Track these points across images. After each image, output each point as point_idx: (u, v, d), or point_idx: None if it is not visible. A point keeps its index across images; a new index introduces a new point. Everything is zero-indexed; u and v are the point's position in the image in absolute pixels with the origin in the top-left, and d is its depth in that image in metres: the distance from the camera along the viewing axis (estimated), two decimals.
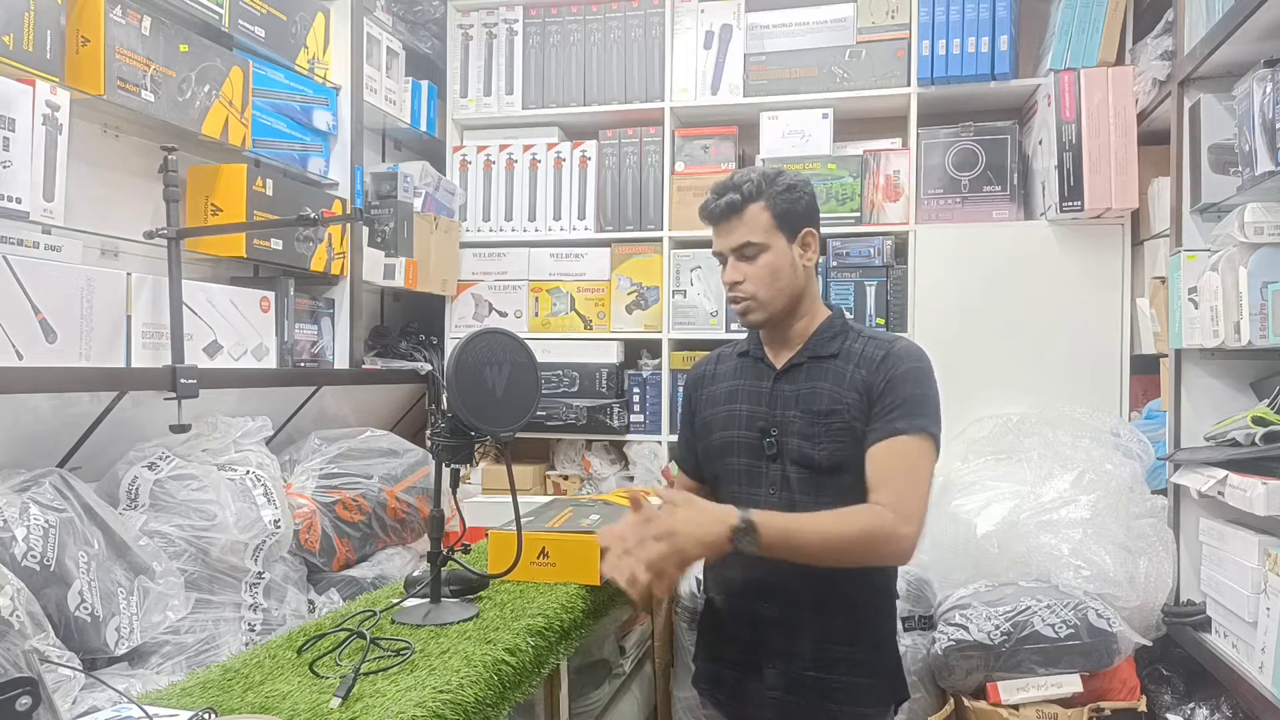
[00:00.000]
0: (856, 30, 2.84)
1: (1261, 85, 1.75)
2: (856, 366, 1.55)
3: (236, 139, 2.12)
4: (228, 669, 1.31)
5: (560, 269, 3.04)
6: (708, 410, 1.69)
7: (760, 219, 1.57)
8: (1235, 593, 1.91)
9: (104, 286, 1.75)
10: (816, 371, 1.58)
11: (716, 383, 1.71)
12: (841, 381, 1.55)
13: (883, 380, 1.51)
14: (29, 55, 1.62)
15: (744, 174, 1.60)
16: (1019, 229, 2.70)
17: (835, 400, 1.54)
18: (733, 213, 1.57)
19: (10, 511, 1.47)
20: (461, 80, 3.13)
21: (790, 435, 1.56)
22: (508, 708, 1.32)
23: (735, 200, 1.57)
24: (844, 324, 1.64)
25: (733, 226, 1.58)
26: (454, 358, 1.48)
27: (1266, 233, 1.84)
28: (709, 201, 1.61)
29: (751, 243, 1.56)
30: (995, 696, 2.06)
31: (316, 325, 2.46)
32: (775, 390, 1.60)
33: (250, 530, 1.82)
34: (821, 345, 1.60)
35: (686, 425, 1.76)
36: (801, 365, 1.60)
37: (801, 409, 1.56)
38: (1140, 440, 2.41)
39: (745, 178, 1.59)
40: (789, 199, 1.58)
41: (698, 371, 1.78)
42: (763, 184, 1.57)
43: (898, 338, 1.60)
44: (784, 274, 1.57)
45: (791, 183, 1.59)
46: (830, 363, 1.58)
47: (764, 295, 1.57)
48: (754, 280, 1.58)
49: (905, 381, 1.51)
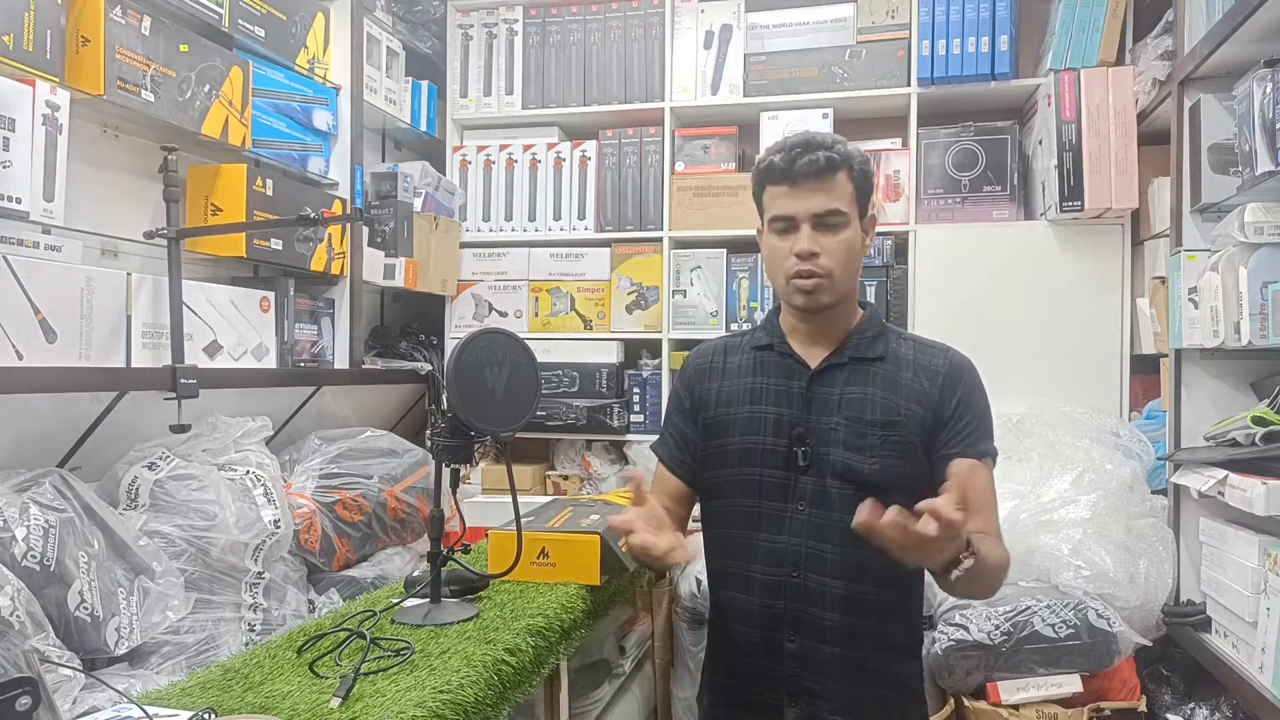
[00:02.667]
0: (856, 30, 2.84)
1: (1261, 85, 1.75)
2: (915, 375, 1.41)
3: (236, 139, 2.12)
4: (228, 669, 1.32)
5: (560, 269, 3.04)
6: (721, 409, 1.49)
7: (846, 188, 1.39)
8: (1235, 593, 1.91)
9: (104, 286, 1.75)
10: (862, 375, 1.42)
11: (729, 378, 1.51)
12: (897, 389, 1.40)
13: (955, 397, 1.40)
14: (29, 55, 1.61)
15: (827, 134, 1.42)
16: (1019, 229, 2.70)
17: (892, 410, 1.39)
18: (824, 173, 1.37)
19: (10, 511, 1.47)
20: (461, 80, 3.13)
21: (831, 445, 1.39)
22: (508, 708, 1.32)
23: (832, 159, 1.37)
24: (883, 323, 1.50)
25: (820, 188, 1.37)
26: (454, 358, 1.48)
27: (1266, 233, 1.84)
28: (790, 155, 1.38)
29: (840, 211, 1.37)
30: (995, 696, 2.06)
31: (316, 325, 2.46)
32: (811, 392, 1.42)
33: (250, 530, 1.82)
34: (864, 345, 1.44)
35: (683, 420, 1.55)
36: (842, 366, 1.43)
37: (847, 416, 1.39)
38: (1140, 440, 2.41)
39: (833, 138, 1.40)
40: (866, 174, 1.42)
41: (700, 362, 1.57)
42: (849, 152, 1.40)
43: (947, 346, 1.48)
44: (856, 257, 1.42)
45: (866, 159, 1.44)
46: (878, 366, 1.43)
47: (840, 274, 1.39)
48: (832, 255, 1.38)
49: (976, 400, 1.42)
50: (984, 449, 1.40)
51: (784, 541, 1.40)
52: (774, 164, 1.39)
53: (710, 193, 2.88)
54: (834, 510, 1.38)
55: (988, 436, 1.41)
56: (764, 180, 1.43)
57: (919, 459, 1.39)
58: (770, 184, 1.42)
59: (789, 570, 1.40)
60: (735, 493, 1.46)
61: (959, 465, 1.33)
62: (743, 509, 1.45)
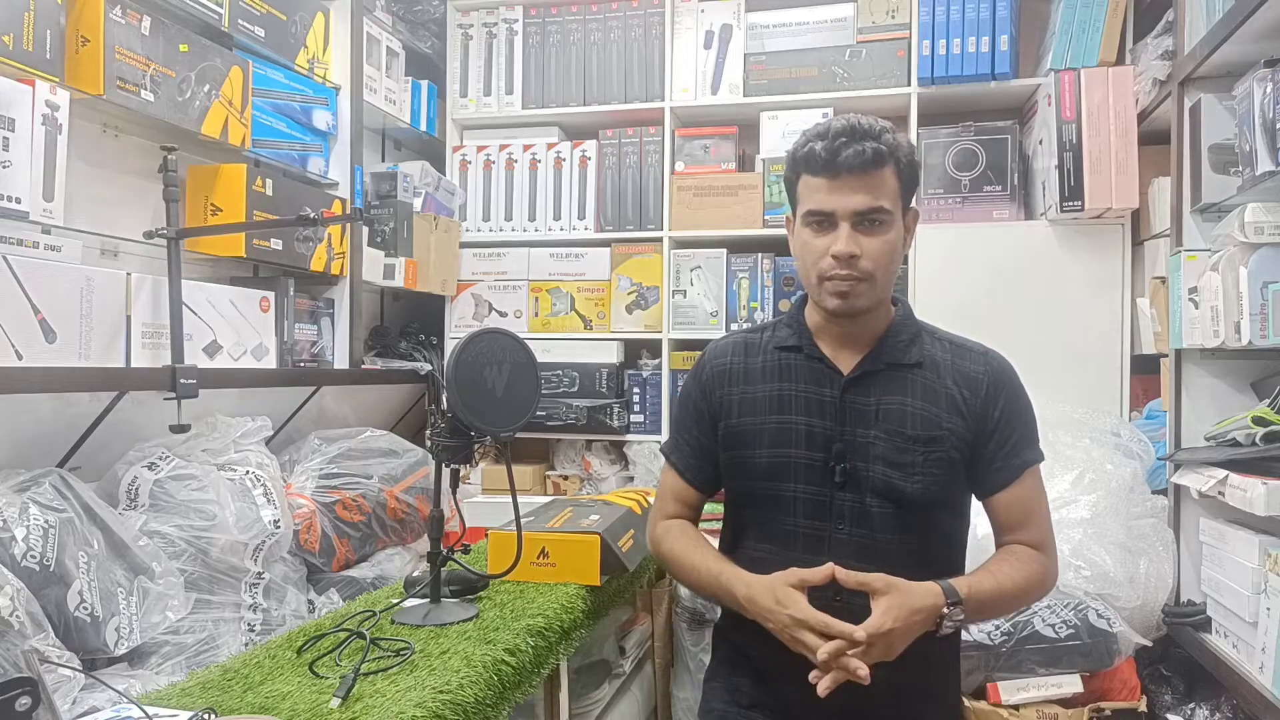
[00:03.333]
0: (856, 30, 2.84)
1: (1261, 85, 1.75)
2: (955, 384, 1.32)
3: (236, 139, 2.12)
4: (227, 669, 1.31)
5: (560, 269, 3.04)
6: (745, 418, 1.38)
7: (891, 184, 1.27)
8: (1235, 593, 1.91)
9: (104, 286, 1.75)
10: (899, 383, 1.32)
11: (752, 382, 1.39)
12: (936, 400, 1.31)
13: (998, 409, 1.31)
14: (29, 55, 1.61)
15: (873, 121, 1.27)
16: (1019, 229, 2.70)
17: (933, 424, 1.30)
18: (870, 166, 1.24)
19: (10, 511, 1.47)
20: (461, 80, 3.13)
21: (871, 461, 1.30)
22: (508, 708, 1.32)
23: (880, 152, 1.24)
24: (917, 322, 1.39)
25: (864, 184, 1.25)
26: (454, 358, 1.48)
27: (1267, 233, 1.83)
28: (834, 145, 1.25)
29: (885, 209, 1.26)
30: (995, 696, 2.06)
31: (316, 325, 2.46)
32: (846, 402, 1.32)
33: (250, 530, 1.82)
34: (900, 350, 1.34)
35: (700, 428, 1.44)
36: (878, 373, 1.33)
37: (886, 429, 1.30)
38: (1140, 440, 2.41)
39: (881, 126, 1.27)
40: (914, 167, 1.31)
41: (718, 364, 1.43)
42: (896, 143, 1.27)
43: (986, 348, 1.38)
44: (898, 258, 1.31)
45: (912, 149, 1.31)
46: (915, 374, 1.33)
47: (881, 278, 1.28)
48: (873, 257, 1.27)
49: (1020, 407, 1.34)
50: (1029, 457, 1.34)
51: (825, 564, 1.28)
52: (815, 152, 1.26)
53: (710, 193, 2.88)
54: (876, 530, 1.30)
55: (1032, 442, 1.35)
56: (801, 169, 1.30)
57: (960, 475, 1.32)
58: (808, 174, 1.29)
59: (830, 594, 1.26)
60: (766, 506, 1.36)
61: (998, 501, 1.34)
62: (777, 525, 1.35)
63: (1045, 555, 1.34)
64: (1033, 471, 1.34)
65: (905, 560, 1.29)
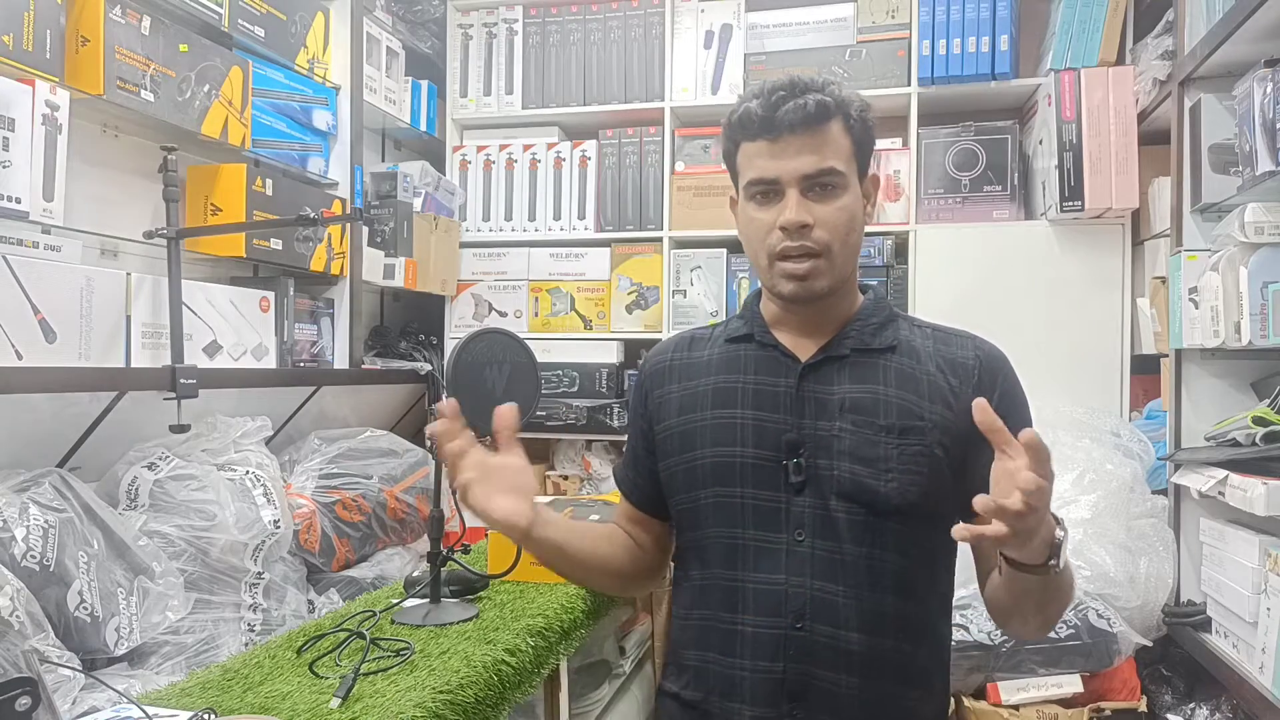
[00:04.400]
0: (856, 30, 2.84)
1: (1262, 85, 1.75)
2: (940, 371, 1.14)
3: (236, 139, 2.12)
4: (227, 669, 1.31)
5: (560, 269, 3.04)
6: (684, 416, 1.19)
7: (842, 143, 1.11)
8: (1235, 593, 1.91)
9: (104, 286, 1.75)
10: (869, 370, 1.14)
11: (694, 376, 1.21)
12: (916, 387, 1.12)
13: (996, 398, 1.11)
14: (28, 55, 1.61)
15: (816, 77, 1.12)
16: (1019, 229, 2.70)
17: (911, 413, 1.11)
18: (814, 122, 1.08)
19: (10, 511, 1.47)
20: (461, 80, 3.13)
21: (836, 456, 1.10)
22: (508, 708, 1.32)
23: (824, 105, 1.08)
24: (891, 307, 1.22)
25: (810, 143, 1.08)
26: (454, 357, 1.48)
27: (1267, 233, 1.83)
28: (771, 101, 1.09)
29: (836, 170, 1.09)
30: (995, 697, 2.06)
31: (316, 325, 2.46)
32: (804, 392, 1.13)
33: (250, 530, 1.82)
34: (869, 333, 1.16)
35: (639, 438, 1.26)
36: (844, 359, 1.15)
37: (854, 420, 1.11)
38: (1140, 440, 2.41)
39: (824, 79, 1.12)
40: (866, 124, 1.14)
41: (655, 363, 1.26)
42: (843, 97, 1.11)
43: (971, 333, 1.21)
44: (857, 228, 1.13)
45: (865, 105, 1.14)
46: (888, 359, 1.15)
47: (839, 251, 1.11)
48: (828, 226, 1.09)
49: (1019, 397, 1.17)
50: None
51: (781, 582, 1.10)
52: (750, 113, 1.10)
53: (710, 193, 2.88)
54: (843, 540, 1.09)
55: None
56: (738, 135, 1.14)
57: (943, 475, 1.10)
58: (746, 139, 1.13)
59: (790, 621, 1.09)
60: (709, 521, 1.15)
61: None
62: (721, 542, 1.14)
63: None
64: None
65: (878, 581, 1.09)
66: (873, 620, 1.08)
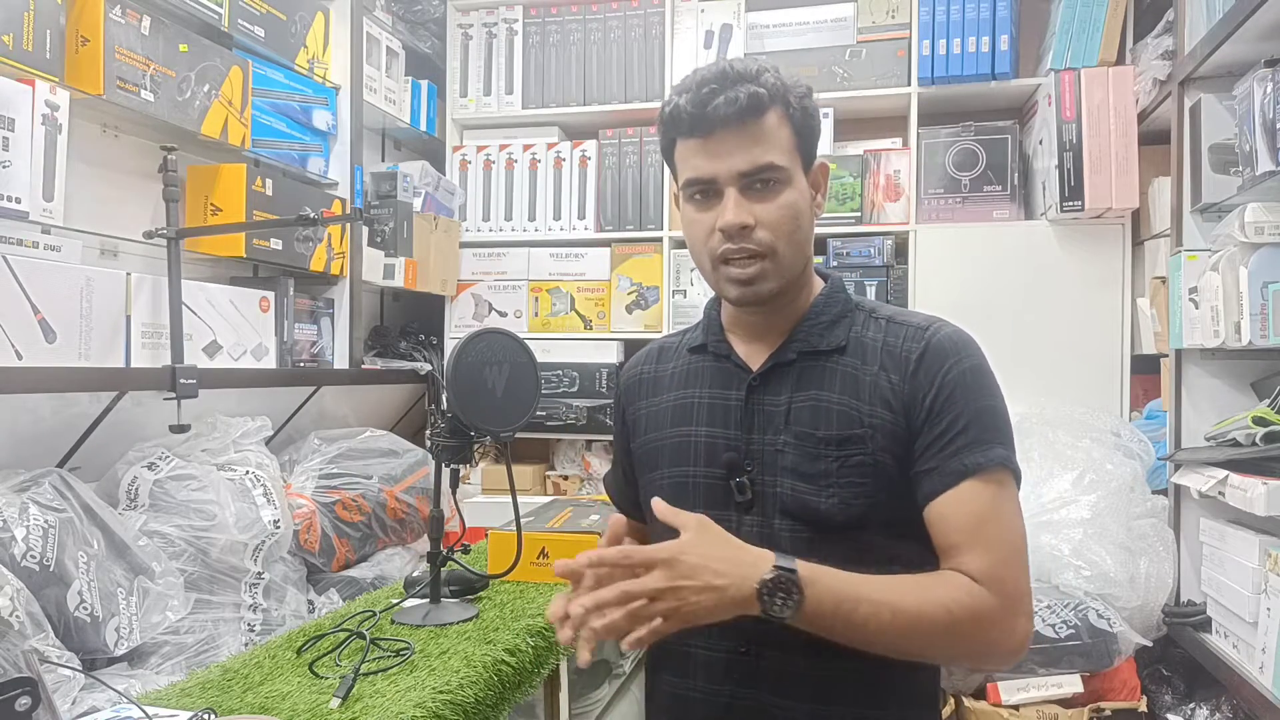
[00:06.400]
0: (856, 30, 2.84)
1: (1262, 85, 1.75)
2: (882, 368, 1.06)
3: (236, 139, 2.12)
4: (227, 669, 1.31)
5: (560, 269, 3.04)
6: (651, 434, 1.17)
7: (781, 135, 1.04)
8: (1235, 593, 1.91)
9: (104, 286, 1.75)
10: (815, 374, 1.08)
11: (660, 391, 1.19)
12: (858, 390, 1.05)
13: (930, 389, 1.02)
14: (28, 55, 1.61)
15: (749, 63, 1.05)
16: (1019, 229, 2.70)
17: (852, 420, 1.04)
18: (748, 115, 1.02)
19: (10, 511, 1.47)
20: (461, 80, 3.13)
21: (777, 474, 1.05)
22: (508, 708, 1.32)
23: (757, 96, 1.01)
24: (848, 300, 1.13)
25: (746, 138, 1.02)
26: (454, 358, 1.48)
27: (1267, 233, 1.83)
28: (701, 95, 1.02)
29: (776, 165, 1.03)
30: (995, 697, 2.06)
31: (316, 325, 2.46)
32: (751, 404, 1.09)
33: (250, 530, 1.82)
34: (819, 334, 1.10)
35: (623, 455, 1.25)
36: (791, 365, 1.09)
37: (795, 433, 1.05)
38: (1140, 440, 2.41)
39: (758, 65, 1.04)
40: (807, 112, 1.07)
41: (631, 375, 1.25)
42: (781, 85, 1.04)
43: (934, 319, 1.09)
44: (804, 223, 1.07)
45: (807, 91, 1.08)
46: (836, 361, 1.08)
47: (785, 250, 1.05)
48: (771, 225, 1.04)
49: (965, 390, 1.02)
50: (976, 460, 0.99)
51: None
52: (680, 109, 1.04)
53: None
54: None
55: (985, 441, 1.01)
56: (671, 131, 1.08)
57: (893, 484, 1.03)
58: (679, 136, 1.06)
59: (736, 645, 1.05)
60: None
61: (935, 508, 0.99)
62: None
63: (988, 591, 0.95)
64: (984, 480, 0.99)
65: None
66: (822, 642, 0.96)
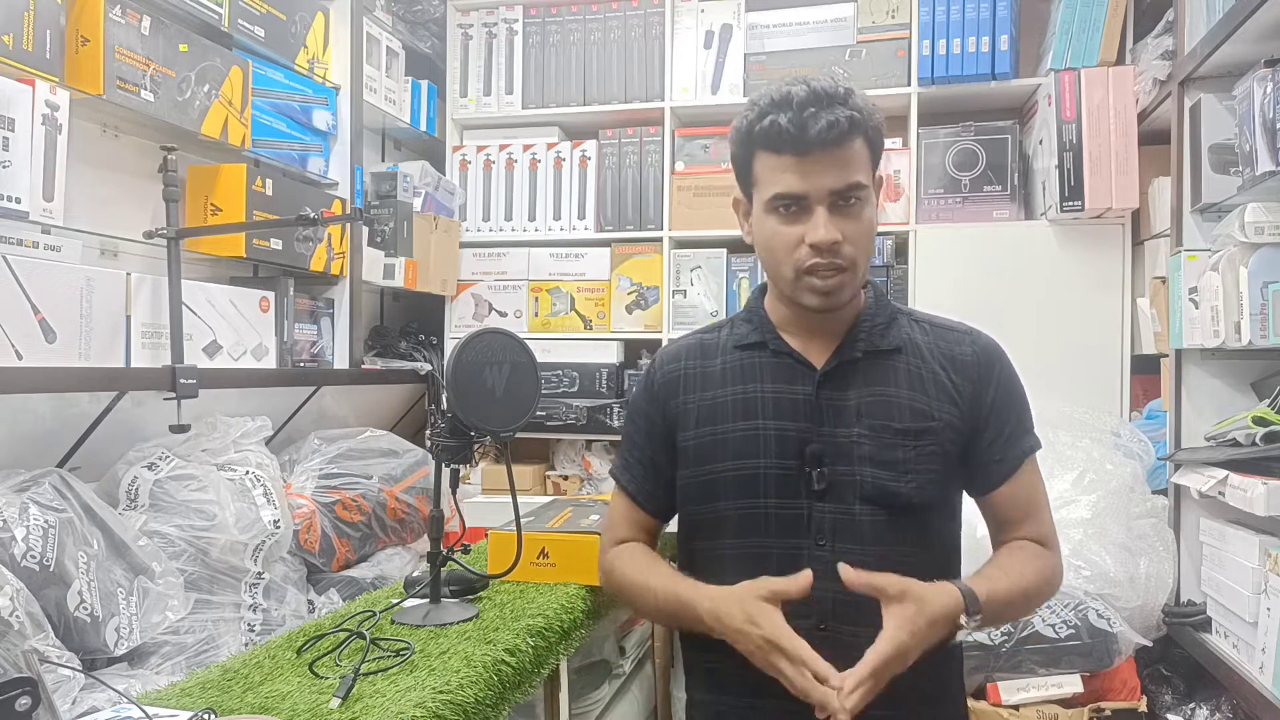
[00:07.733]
0: (856, 30, 2.84)
1: (1262, 85, 1.75)
2: (942, 369, 1.19)
3: (236, 139, 2.12)
4: (227, 669, 1.31)
5: (560, 269, 3.04)
6: (706, 428, 1.22)
7: (864, 155, 1.13)
8: (1235, 593, 1.91)
9: (104, 286, 1.75)
10: (881, 372, 1.18)
11: (711, 387, 1.23)
12: (924, 387, 1.17)
13: (991, 392, 1.19)
14: (28, 55, 1.61)
15: (833, 82, 1.11)
16: (1019, 229, 2.70)
17: (923, 414, 1.16)
18: (843, 139, 1.09)
19: (10, 511, 1.47)
20: (461, 80, 3.13)
21: (857, 463, 1.15)
22: (508, 708, 1.31)
23: (855, 121, 1.10)
24: (892, 305, 1.25)
25: (839, 159, 1.10)
26: (454, 358, 1.48)
27: (1267, 233, 1.83)
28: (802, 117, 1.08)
29: (862, 184, 1.12)
30: (995, 697, 2.06)
31: (316, 325, 2.46)
32: (821, 399, 1.17)
33: (250, 530, 1.82)
34: (878, 335, 1.20)
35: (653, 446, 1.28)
36: (856, 363, 1.18)
37: (871, 425, 1.15)
38: (1140, 440, 2.41)
39: (844, 88, 1.11)
40: (881, 133, 1.17)
41: (670, 370, 1.28)
42: (865, 105, 1.13)
43: (969, 326, 1.25)
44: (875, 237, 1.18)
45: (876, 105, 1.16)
46: (897, 360, 1.19)
47: (863, 264, 1.15)
48: (856, 241, 1.12)
49: (1015, 390, 1.22)
50: (1028, 445, 1.22)
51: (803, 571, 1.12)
52: (779, 127, 1.09)
53: (710, 193, 2.88)
54: (865, 544, 1.14)
55: (1029, 428, 1.23)
56: (757, 145, 1.13)
57: (954, 472, 1.18)
58: (769, 150, 1.12)
59: (814, 623, 1.12)
60: (730, 531, 1.19)
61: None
62: (742, 552, 1.18)
63: (1052, 550, 1.22)
64: (1031, 460, 1.22)
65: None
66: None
